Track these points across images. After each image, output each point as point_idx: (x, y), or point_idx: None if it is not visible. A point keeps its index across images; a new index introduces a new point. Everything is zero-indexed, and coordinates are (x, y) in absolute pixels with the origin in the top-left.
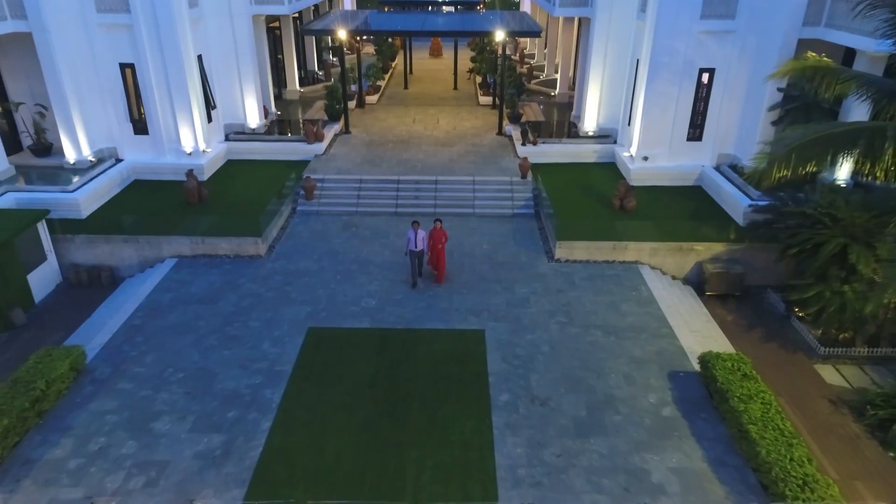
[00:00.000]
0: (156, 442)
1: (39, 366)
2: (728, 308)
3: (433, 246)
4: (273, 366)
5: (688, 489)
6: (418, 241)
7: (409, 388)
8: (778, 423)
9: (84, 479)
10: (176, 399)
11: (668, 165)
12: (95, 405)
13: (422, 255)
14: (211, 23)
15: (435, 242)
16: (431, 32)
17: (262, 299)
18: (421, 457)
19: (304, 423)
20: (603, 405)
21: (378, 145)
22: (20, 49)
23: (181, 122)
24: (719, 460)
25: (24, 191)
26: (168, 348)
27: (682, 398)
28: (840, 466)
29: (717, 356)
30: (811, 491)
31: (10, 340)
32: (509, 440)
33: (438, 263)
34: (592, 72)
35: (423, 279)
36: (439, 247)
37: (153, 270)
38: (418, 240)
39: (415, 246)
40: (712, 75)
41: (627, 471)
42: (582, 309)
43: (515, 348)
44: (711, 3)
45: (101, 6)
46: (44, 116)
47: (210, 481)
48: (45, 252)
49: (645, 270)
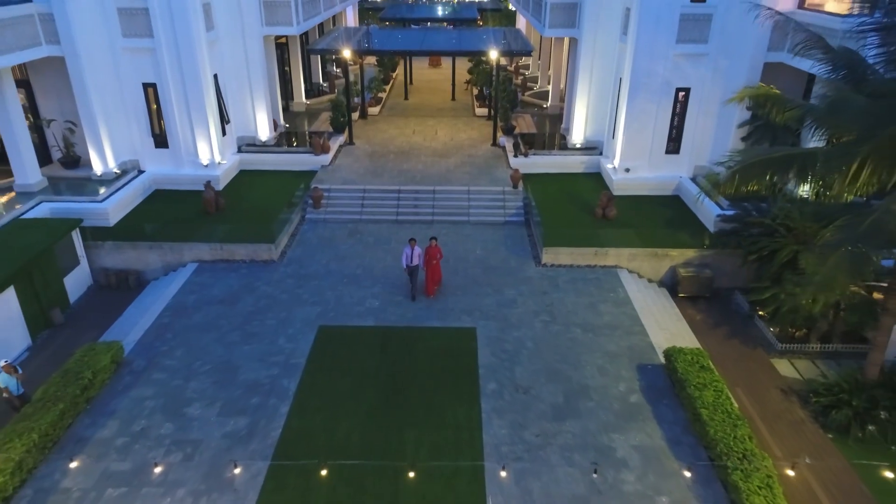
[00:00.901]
0: (189, 424)
1: (85, 358)
2: (698, 308)
3: (428, 261)
4: (289, 359)
5: (647, 463)
6: (414, 256)
7: (409, 379)
8: (727, 408)
9: (130, 455)
10: (204, 387)
11: (648, 176)
12: (135, 392)
13: (417, 270)
14: (225, 44)
15: (430, 258)
16: (430, 52)
17: (277, 300)
18: (419, 436)
19: (317, 408)
20: (578, 393)
21: (380, 156)
22: (51, 70)
23: (198, 136)
24: (676, 439)
25: (57, 201)
26: (195, 344)
27: (647, 387)
28: (784, 446)
29: (679, 350)
30: (748, 462)
31: (50, 337)
32: (495, 423)
33: (432, 278)
34: (579, 88)
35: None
36: (433, 262)
37: (176, 274)
38: (414, 256)
39: (411, 261)
40: (688, 94)
41: (596, 448)
42: (564, 309)
43: (503, 344)
44: (686, 28)
45: (126, 31)
46: (73, 132)
47: (238, 456)
48: (79, 257)
49: (623, 274)
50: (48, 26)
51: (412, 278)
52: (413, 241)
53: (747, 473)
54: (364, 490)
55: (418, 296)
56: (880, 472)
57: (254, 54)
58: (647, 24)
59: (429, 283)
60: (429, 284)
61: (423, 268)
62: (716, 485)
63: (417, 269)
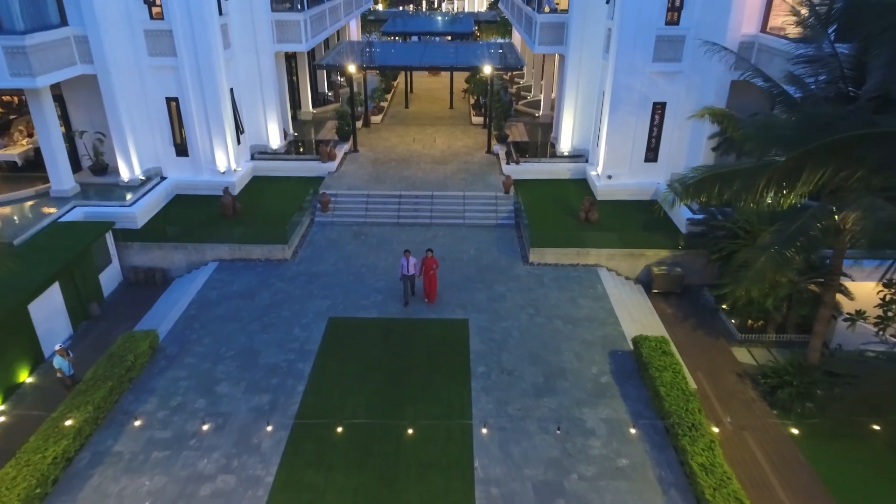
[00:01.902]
0: (219, 400)
1: (127, 344)
2: (669, 303)
3: (425, 272)
4: (303, 346)
5: (611, 432)
6: (410, 266)
7: (408, 363)
8: (682, 386)
9: (170, 425)
10: (230, 370)
11: (628, 183)
12: (170, 374)
13: (413, 279)
14: (240, 60)
15: (427, 268)
16: (429, 67)
17: (291, 295)
18: (417, 411)
19: (328, 387)
20: (556, 375)
21: (382, 163)
22: (83, 86)
23: (216, 146)
24: (638, 413)
25: (90, 205)
26: (220, 333)
27: (617, 370)
28: (734, 420)
29: (645, 338)
30: (696, 430)
31: (89, 328)
32: (483, 399)
33: (430, 287)
34: (567, 100)
35: (415, 297)
36: (430, 272)
37: (199, 272)
38: (410, 265)
39: (407, 271)
40: (664, 108)
41: (569, 420)
42: (547, 303)
43: (492, 333)
44: (661, 49)
45: (152, 51)
46: (102, 142)
47: (262, 424)
48: (111, 256)
49: (602, 272)
50: (82, 47)
51: (406, 286)
52: (408, 252)
53: (694, 439)
54: (370, 452)
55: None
56: (812, 440)
57: (266, 69)
58: (626, 44)
59: (429, 292)
60: (429, 292)
61: (420, 276)
62: (669, 450)
63: (413, 277)
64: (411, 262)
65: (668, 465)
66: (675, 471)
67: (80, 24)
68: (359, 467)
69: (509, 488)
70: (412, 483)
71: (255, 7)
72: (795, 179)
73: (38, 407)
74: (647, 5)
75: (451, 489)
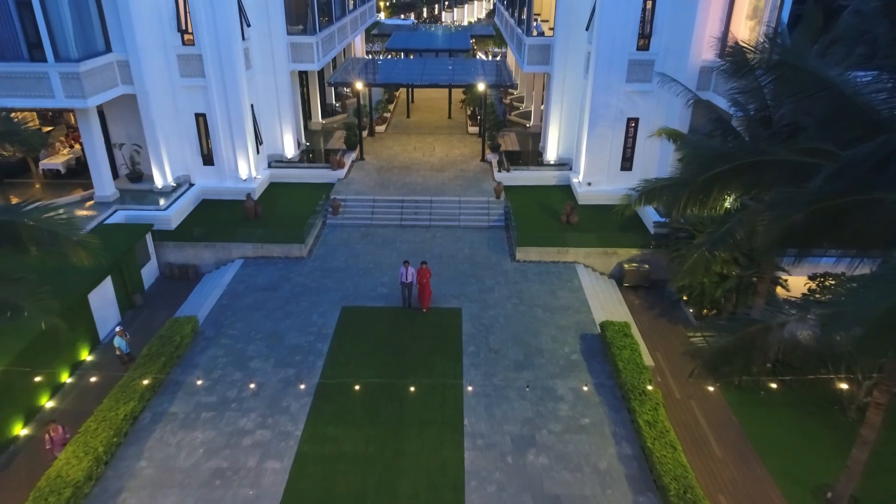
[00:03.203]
0: (253, 373)
1: (173, 327)
2: (638, 295)
3: (420, 280)
4: (321, 330)
5: (577, 398)
6: (408, 275)
7: (410, 344)
8: (637, 362)
9: (214, 392)
10: (260, 349)
11: (606, 189)
12: (210, 352)
13: (411, 286)
14: (260, 79)
15: (420, 278)
16: (428, 85)
17: (308, 288)
18: (416, 383)
19: (343, 364)
20: (534, 353)
21: (387, 171)
22: (121, 104)
23: (238, 156)
24: (601, 384)
25: (129, 209)
26: (249, 319)
27: (586, 350)
28: (682, 390)
29: (610, 323)
30: (644, 396)
31: (134, 315)
32: (472, 373)
33: (424, 294)
34: (552, 114)
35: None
36: (424, 281)
37: (227, 268)
38: (408, 274)
39: (405, 279)
40: (637, 123)
41: (543, 389)
42: (530, 294)
43: (481, 319)
44: (634, 71)
45: (183, 73)
46: (139, 152)
47: (291, 393)
48: (150, 254)
49: (579, 268)
50: (124, 70)
51: (405, 291)
52: (406, 262)
53: (642, 402)
54: (379, 412)
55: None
56: (744, 407)
57: (282, 86)
58: (603, 66)
59: (422, 300)
60: (423, 301)
61: (416, 285)
62: (623, 411)
63: (411, 285)
64: (410, 272)
65: (621, 423)
66: (627, 427)
67: (122, 50)
68: (370, 424)
69: (492, 440)
70: (413, 436)
71: (273, 32)
72: (708, 195)
73: (99, 379)
74: (621, 33)
75: (445, 441)
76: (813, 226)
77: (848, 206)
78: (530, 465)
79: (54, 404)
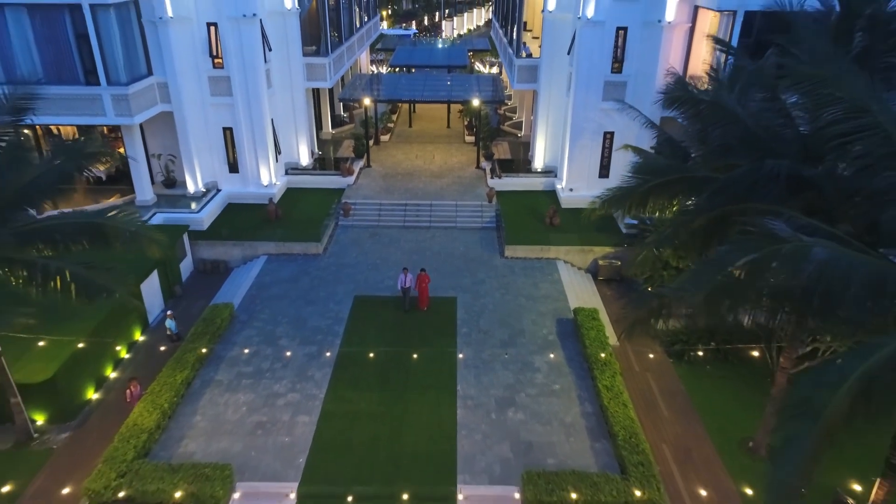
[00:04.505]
0: (281, 349)
1: (213, 312)
2: (610, 287)
3: (419, 286)
4: (337, 315)
5: (550, 369)
6: (407, 280)
7: (413, 326)
8: (601, 340)
9: (251, 364)
10: (287, 330)
11: (586, 194)
12: (245, 333)
13: (409, 291)
14: (279, 96)
15: (420, 282)
16: (429, 101)
17: (325, 280)
18: (418, 357)
19: (357, 341)
20: (517, 334)
21: (391, 177)
22: (158, 119)
23: (260, 164)
24: (571, 358)
25: (167, 212)
26: (275, 306)
27: (561, 332)
28: (640, 364)
29: (581, 309)
30: (605, 366)
31: (175, 304)
32: (465, 349)
33: (422, 297)
34: (539, 127)
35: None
36: (423, 286)
37: (253, 263)
38: (407, 280)
39: (405, 284)
40: (613, 135)
41: (523, 363)
42: (515, 286)
43: (473, 306)
44: (609, 90)
45: (213, 92)
46: (173, 161)
47: (314, 364)
48: (186, 251)
49: (560, 264)
50: (163, 91)
51: (404, 295)
52: (406, 269)
53: (603, 371)
54: (388, 379)
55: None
56: (692, 378)
57: (298, 102)
58: (582, 86)
59: (421, 301)
60: (422, 302)
61: (416, 289)
62: (588, 379)
63: (410, 289)
64: (408, 277)
65: (586, 388)
66: (590, 391)
67: (162, 73)
68: (380, 388)
69: (479, 401)
70: (416, 398)
71: (291, 55)
72: (645, 203)
73: (151, 356)
74: (598, 58)
75: (441, 401)
76: (710, 228)
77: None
78: (510, 420)
79: (117, 375)
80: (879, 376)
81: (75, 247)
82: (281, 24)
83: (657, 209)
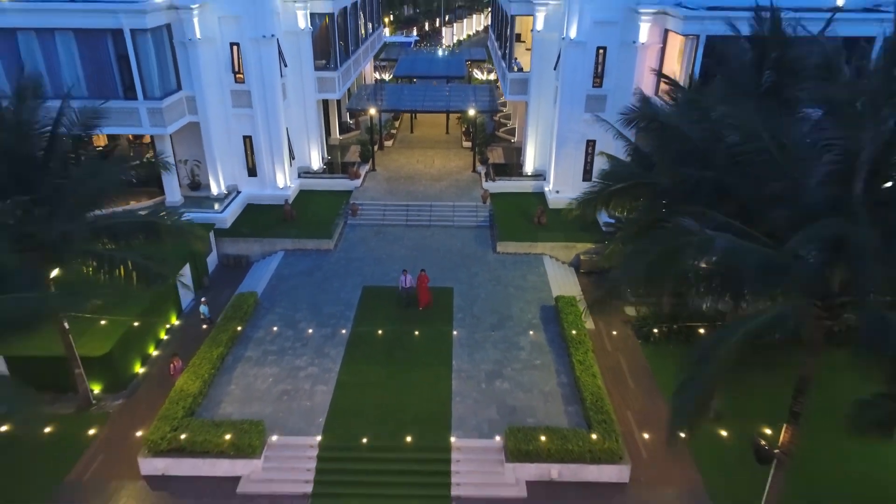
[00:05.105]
0: (301, 331)
1: (240, 300)
2: (591, 279)
3: (420, 285)
4: (348, 302)
5: (533, 348)
6: (407, 281)
7: (416, 313)
8: (578, 324)
9: (275, 343)
10: (305, 315)
11: (571, 196)
12: (268, 318)
13: (409, 291)
14: (293, 107)
15: (420, 282)
16: (429, 111)
17: (337, 273)
18: (419, 336)
19: (367, 323)
20: (506, 319)
21: (394, 180)
22: (184, 128)
23: (276, 169)
24: (552, 339)
25: (194, 212)
26: (294, 295)
27: (544, 317)
28: (614, 346)
29: (562, 297)
30: (580, 343)
31: (203, 293)
32: (460, 331)
33: (422, 297)
34: (529, 135)
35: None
36: (423, 286)
37: (272, 258)
38: (407, 280)
39: (405, 284)
40: (594, 143)
41: (509, 342)
42: (506, 278)
43: (468, 296)
44: (591, 103)
45: (235, 104)
46: (199, 166)
47: (329, 342)
48: (212, 247)
49: (546, 259)
50: (191, 104)
51: (404, 296)
52: (405, 271)
53: (577, 348)
54: (393, 356)
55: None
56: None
57: (310, 112)
58: (566, 99)
59: (422, 300)
60: (422, 300)
61: (416, 289)
62: (565, 356)
63: (409, 290)
64: (408, 278)
65: (563, 363)
66: (566, 366)
67: (190, 88)
68: (387, 363)
69: (471, 374)
70: (418, 371)
71: (304, 70)
72: (608, 205)
73: (186, 338)
74: (580, 74)
75: (439, 374)
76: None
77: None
78: (497, 389)
79: (158, 353)
80: (762, 334)
81: (134, 241)
82: (295, 43)
83: (620, 209)
